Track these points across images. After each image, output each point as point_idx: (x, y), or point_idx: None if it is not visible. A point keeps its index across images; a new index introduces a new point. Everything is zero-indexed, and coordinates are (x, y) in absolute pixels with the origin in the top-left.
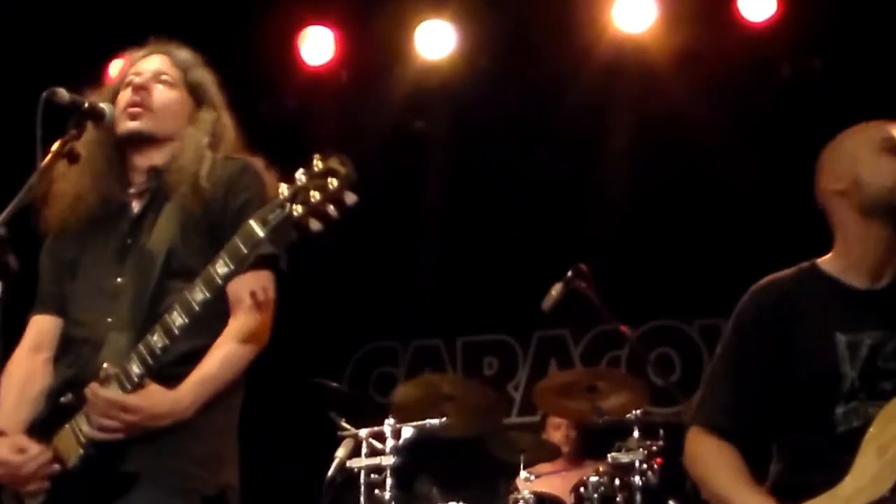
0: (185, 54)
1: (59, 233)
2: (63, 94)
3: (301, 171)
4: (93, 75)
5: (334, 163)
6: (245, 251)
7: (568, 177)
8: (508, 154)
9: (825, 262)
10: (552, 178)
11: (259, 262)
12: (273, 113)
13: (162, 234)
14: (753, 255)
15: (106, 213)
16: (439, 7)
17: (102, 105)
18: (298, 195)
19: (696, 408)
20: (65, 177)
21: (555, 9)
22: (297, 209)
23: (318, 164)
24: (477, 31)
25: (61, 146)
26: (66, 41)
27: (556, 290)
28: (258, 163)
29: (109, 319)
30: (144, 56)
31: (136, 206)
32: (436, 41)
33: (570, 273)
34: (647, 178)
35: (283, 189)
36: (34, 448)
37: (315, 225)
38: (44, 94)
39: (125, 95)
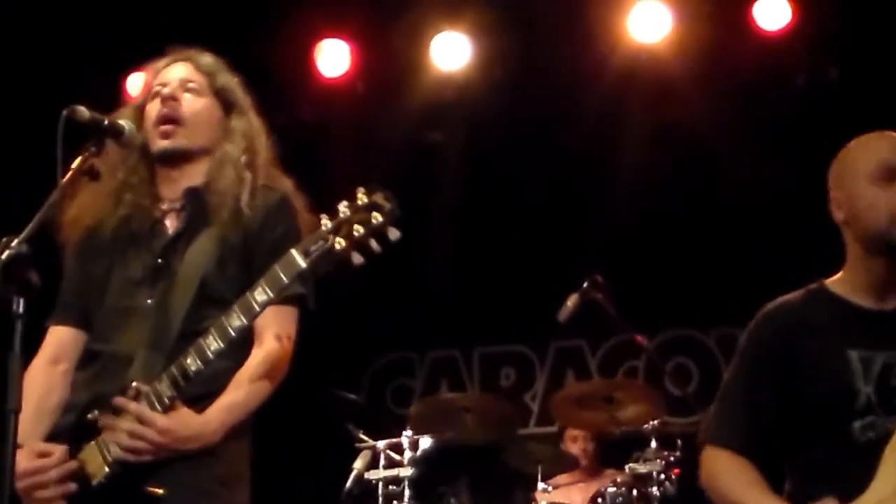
0: (208, 59)
1: (84, 246)
2: (83, 111)
3: (344, 203)
4: (110, 87)
5: (379, 198)
6: (286, 280)
7: (584, 187)
8: (524, 165)
9: (833, 282)
10: (568, 188)
11: (288, 300)
12: (289, 125)
13: (197, 257)
14: (769, 265)
15: (136, 230)
16: (454, 19)
17: (122, 122)
18: (342, 228)
19: (708, 427)
20: (89, 191)
21: (570, 19)
22: (340, 242)
23: (362, 197)
24: (492, 42)
25: (81, 163)
26: (83, 54)
27: (572, 300)
28: (293, 193)
29: (139, 338)
30: (167, 65)
31: (170, 226)
32: (451, 53)
33: (586, 284)
34: (662, 188)
35: (326, 221)
36: (57, 452)
37: (357, 259)
38: (64, 112)
39: (154, 107)
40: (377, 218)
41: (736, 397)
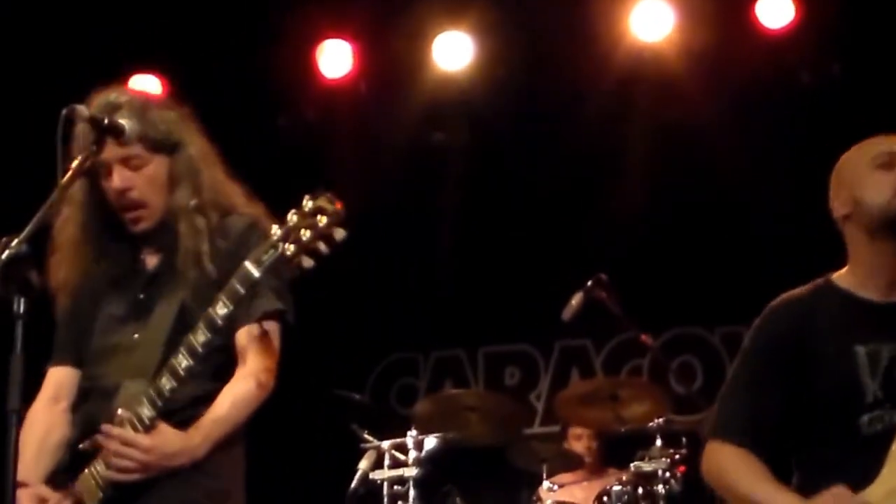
0: (131, 122)
1: (72, 287)
2: (83, 110)
3: (292, 211)
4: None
5: (322, 201)
6: (242, 291)
7: (587, 186)
8: (527, 164)
9: (839, 277)
10: (571, 187)
11: (265, 316)
12: (292, 126)
13: (175, 290)
14: (774, 263)
15: (120, 269)
16: (457, 19)
17: (122, 121)
18: (290, 235)
19: (713, 422)
20: (70, 246)
21: (572, 18)
22: (290, 248)
23: (307, 203)
24: (494, 42)
25: (81, 163)
26: (83, 54)
27: (576, 299)
28: (262, 216)
29: (124, 371)
30: (95, 143)
31: (149, 263)
32: (454, 53)
33: (590, 282)
34: (666, 187)
35: (276, 229)
36: (54, 498)
37: (307, 262)
38: (64, 112)
39: (110, 189)
40: (322, 221)
41: (741, 393)
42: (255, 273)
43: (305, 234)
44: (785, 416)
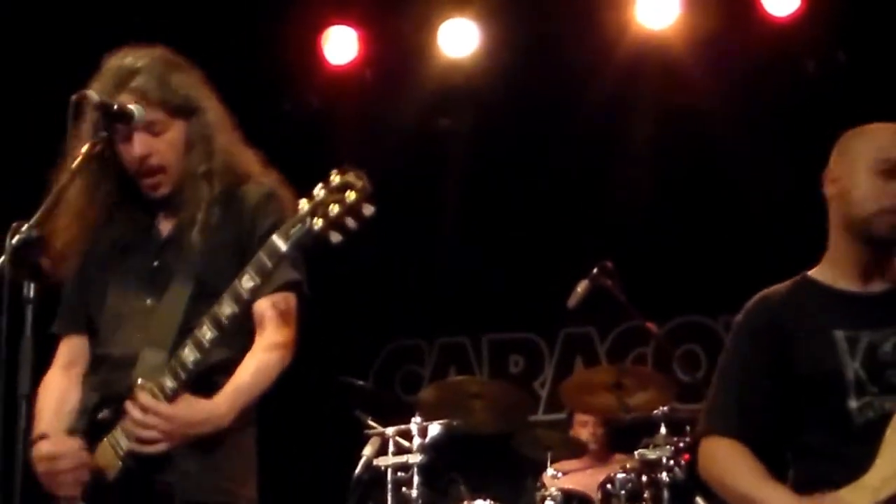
0: (150, 83)
1: (78, 253)
2: (93, 95)
3: (319, 185)
4: None
5: (351, 177)
6: (269, 265)
7: (593, 173)
8: (532, 151)
9: (816, 272)
10: (577, 174)
11: (284, 286)
12: (297, 112)
13: (191, 256)
14: (778, 251)
15: (131, 235)
16: (462, 5)
17: (131, 107)
18: (318, 209)
19: (703, 418)
20: (74, 212)
21: (577, 5)
22: (318, 223)
23: (335, 178)
24: (500, 28)
25: (91, 148)
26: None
27: (581, 287)
28: (279, 185)
29: (141, 339)
30: (117, 94)
31: (162, 228)
32: (459, 39)
33: (595, 270)
34: (671, 174)
35: (304, 204)
36: (75, 444)
37: (335, 237)
38: (73, 97)
39: (129, 155)
40: (350, 196)
41: (731, 385)
42: (283, 247)
43: (334, 209)
44: (774, 406)
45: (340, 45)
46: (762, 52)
